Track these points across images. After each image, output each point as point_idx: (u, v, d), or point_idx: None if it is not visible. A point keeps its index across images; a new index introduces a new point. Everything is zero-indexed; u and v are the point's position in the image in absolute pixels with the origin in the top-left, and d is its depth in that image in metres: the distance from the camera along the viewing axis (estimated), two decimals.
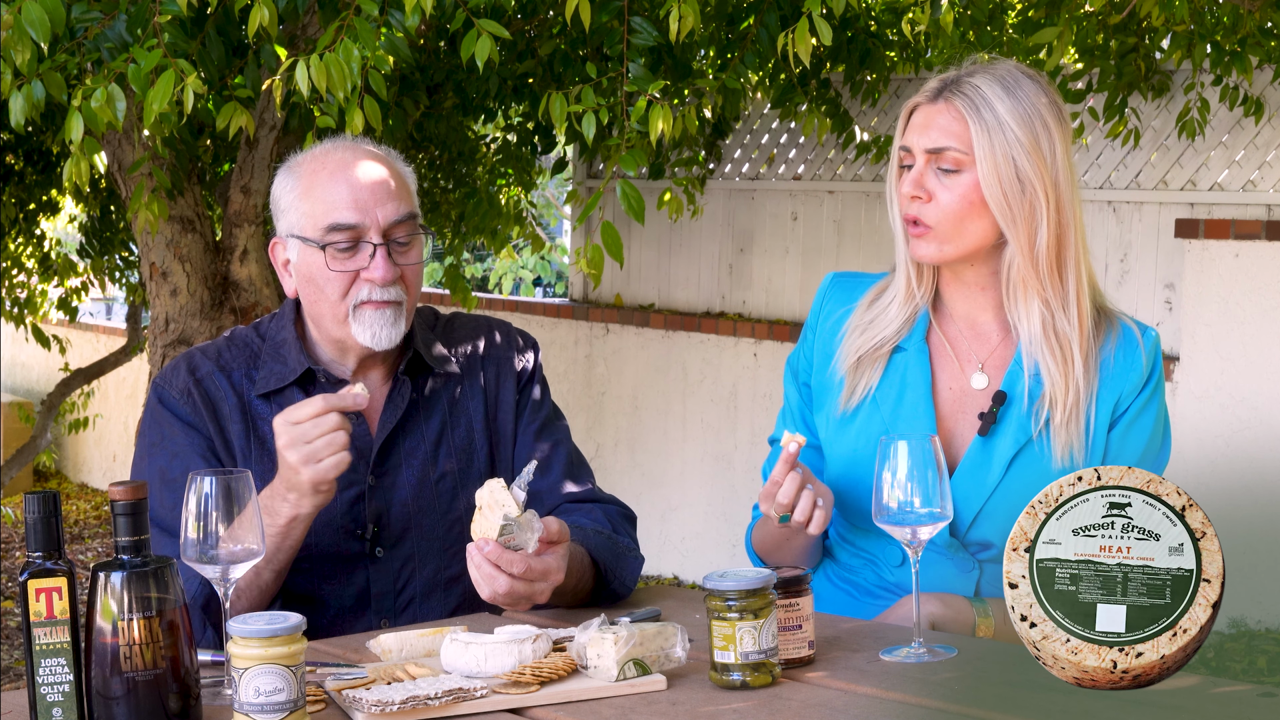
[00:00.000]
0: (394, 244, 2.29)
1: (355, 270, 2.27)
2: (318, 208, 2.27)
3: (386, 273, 2.27)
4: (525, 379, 2.47)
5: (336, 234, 2.26)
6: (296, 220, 2.30)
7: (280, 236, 2.35)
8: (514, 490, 2.04)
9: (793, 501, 2.13)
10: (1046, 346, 2.26)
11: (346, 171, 2.28)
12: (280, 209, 2.34)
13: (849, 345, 2.37)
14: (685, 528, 7.12)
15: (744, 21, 4.49)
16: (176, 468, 2.26)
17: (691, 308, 7.41)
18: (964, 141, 2.22)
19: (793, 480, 2.13)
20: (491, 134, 6.91)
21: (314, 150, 2.35)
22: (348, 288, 2.28)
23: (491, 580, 2.04)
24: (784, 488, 2.13)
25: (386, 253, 2.27)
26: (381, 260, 2.26)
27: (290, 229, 2.32)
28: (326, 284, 2.28)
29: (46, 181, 6.50)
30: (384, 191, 2.28)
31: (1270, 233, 5.32)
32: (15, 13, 2.89)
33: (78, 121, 3.09)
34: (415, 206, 2.34)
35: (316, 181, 2.29)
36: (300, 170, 2.32)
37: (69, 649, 1.70)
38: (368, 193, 2.27)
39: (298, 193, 2.30)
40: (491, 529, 2.02)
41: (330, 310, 2.30)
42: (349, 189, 2.27)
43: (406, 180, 2.36)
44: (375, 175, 2.29)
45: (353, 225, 2.26)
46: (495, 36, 3.15)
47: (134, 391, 9.44)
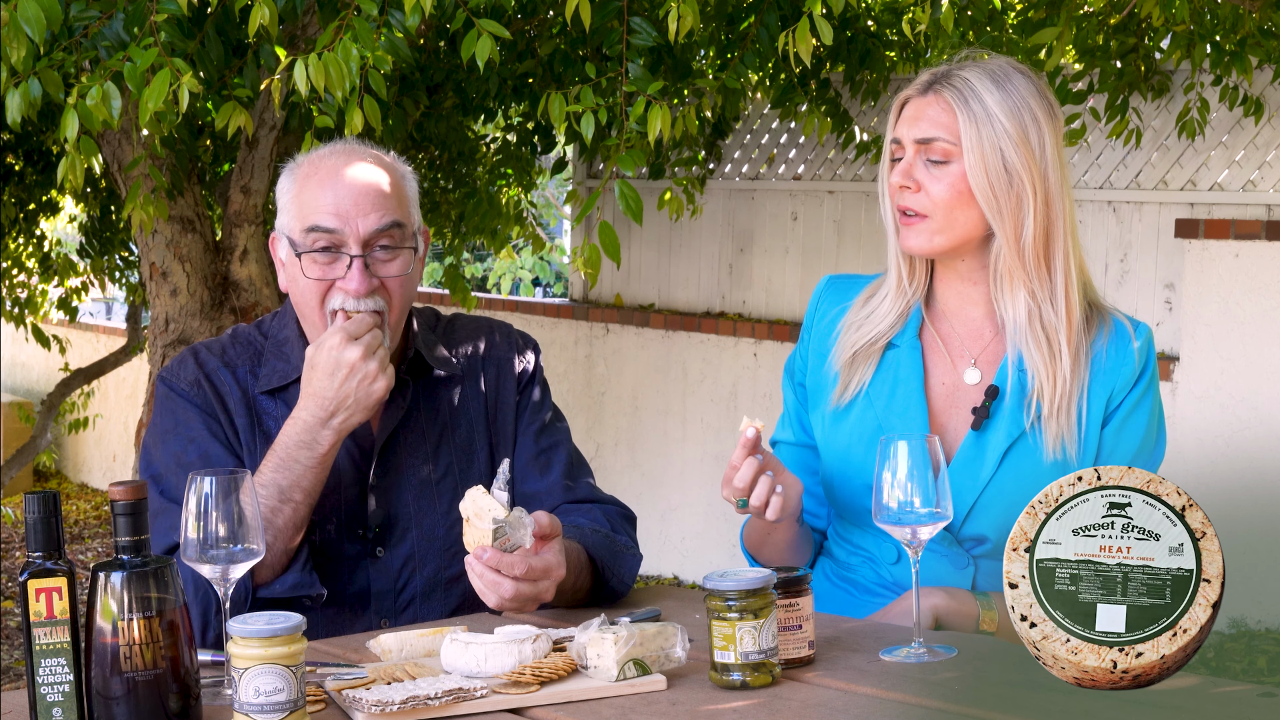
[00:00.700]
0: (375, 255, 2.26)
1: (332, 279, 2.26)
2: (303, 210, 2.27)
3: (360, 285, 2.24)
4: (526, 380, 2.47)
5: (315, 237, 2.25)
6: (286, 220, 2.31)
7: (277, 233, 2.35)
8: (494, 493, 2.03)
9: (749, 487, 2.13)
10: (1032, 338, 2.27)
11: (336, 177, 2.27)
12: (279, 206, 2.35)
13: (844, 342, 2.38)
14: (685, 528, 7.12)
15: (744, 21, 4.49)
16: (193, 451, 2.26)
17: (691, 308, 7.41)
18: (952, 132, 2.24)
19: (749, 466, 2.12)
20: (491, 134, 6.92)
21: (317, 151, 2.35)
22: (323, 294, 2.27)
23: (496, 587, 2.04)
24: (740, 472, 2.13)
25: (363, 264, 2.25)
26: (357, 272, 2.24)
27: (281, 227, 2.33)
28: (305, 288, 2.28)
29: (46, 181, 6.50)
30: (369, 200, 2.25)
31: (1270, 233, 5.32)
32: (11, 10, 2.89)
33: (73, 120, 3.09)
34: (406, 216, 2.30)
35: (308, 184, 2.28)
36: (299, 171, 2.32)
37: (69, 649, 1.70)
38: (351, 201, 2.25)
39: (291, 193, 2.31)
40: (484, 535, 2.02)
41: (309, 314, 2.30)
42: (333, 195, 2.25)
43: (404, 189, 2.33)
44: (364, 183, 2.27)
45: (330, 230, 2.24)
46: (495, 36, 3.15)
47: (134, 391, 9.44)
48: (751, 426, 2.11)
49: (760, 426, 2.12)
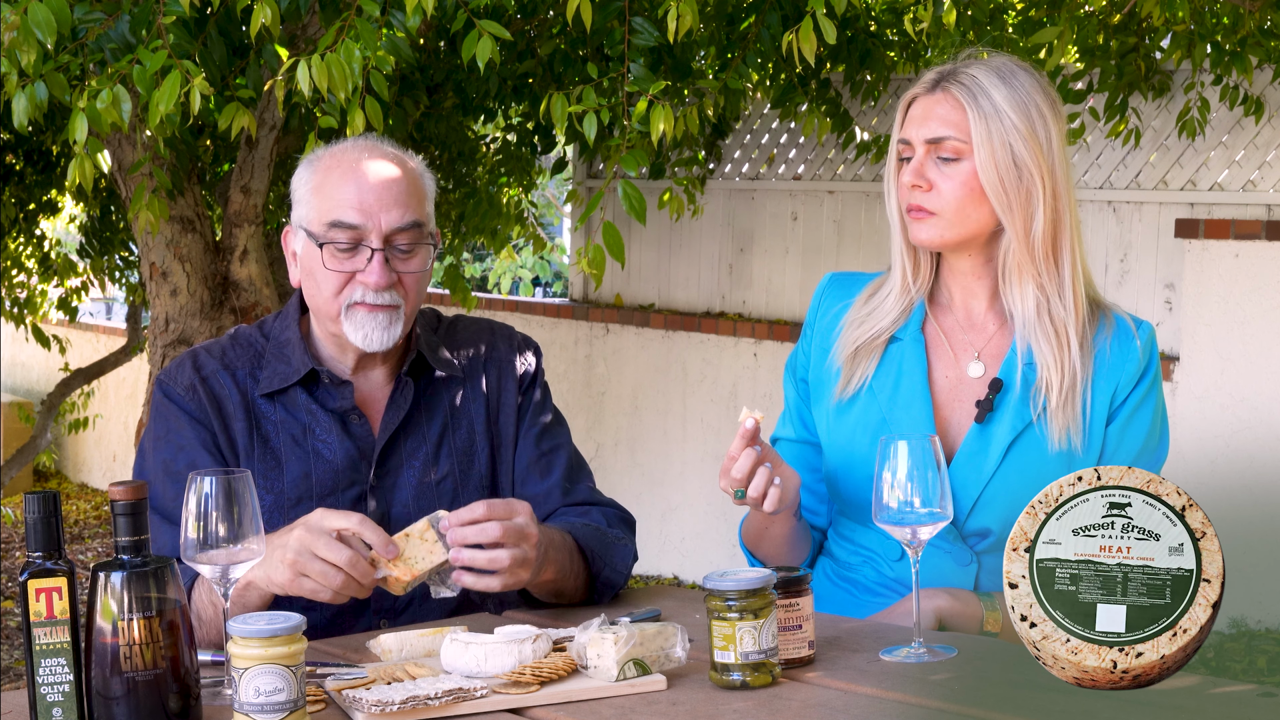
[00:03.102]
0: (394, 250, 2.28)
1: (351, 271, 2.27)
2: (325, 203, 2.28)
3: (381, 278, 2.26)
4: (527, 382, 2.47)
5: (337, 232, 2.26)
6: (305, 213, 2.31)
7: (292, 225, 2.35)
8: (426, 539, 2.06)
9: (746, 477, 2.13)
10: (1041, 330, 2.28)
11: (358, 171, 2.28)
12: (296, 199, 2.35)
13: (846, 337, 2.38)
14: (685, 528, 7.12)
15: (744, 21, 4.49)
16: (181, 460, 2.26)
17: (691, 308, 7.41)
18: (962, 130, 2.25)
19: (747, 456, 2.13)
20: (491, 134, 6.91)
21: (337, 145, 2.35)
22: (342, 286, 2.28)
23: (491, 563, 2.05)
24: (738, 463, 2.13)
25: (384, 259, 2.26)
26: (378, 265, 2.26)
27: (300, 220, 2.33)
28: (323, 280, 2.28)
29: (46, 181, 6.50)
30: (391, 196, 2.27)
31: (1270, 233, 5.32)
32: (21, 14, 2.89)
33: (82, 122, 3.09)
34: (425, 215, 2.32)
35: (329, 178, 2.29)
36: (319, 164, 2.32)
37: (69, 649, 1.70)
38: (374, 196, 2.26)
39: (311, 186, 2.31)
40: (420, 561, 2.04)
41: (325, 306, 2.30)
42: (356, 190, 2.26)
43: (423, 188, 2.34)
44: (386, 178, 2.28)
45: (354, 226, 2.26)
46: (496, 37, 3.16)
47: (134, 391, 9.43)
48: (751, 417, 2.12)
49: (760, 417, 2.12)
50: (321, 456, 2.32)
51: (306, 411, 2.33)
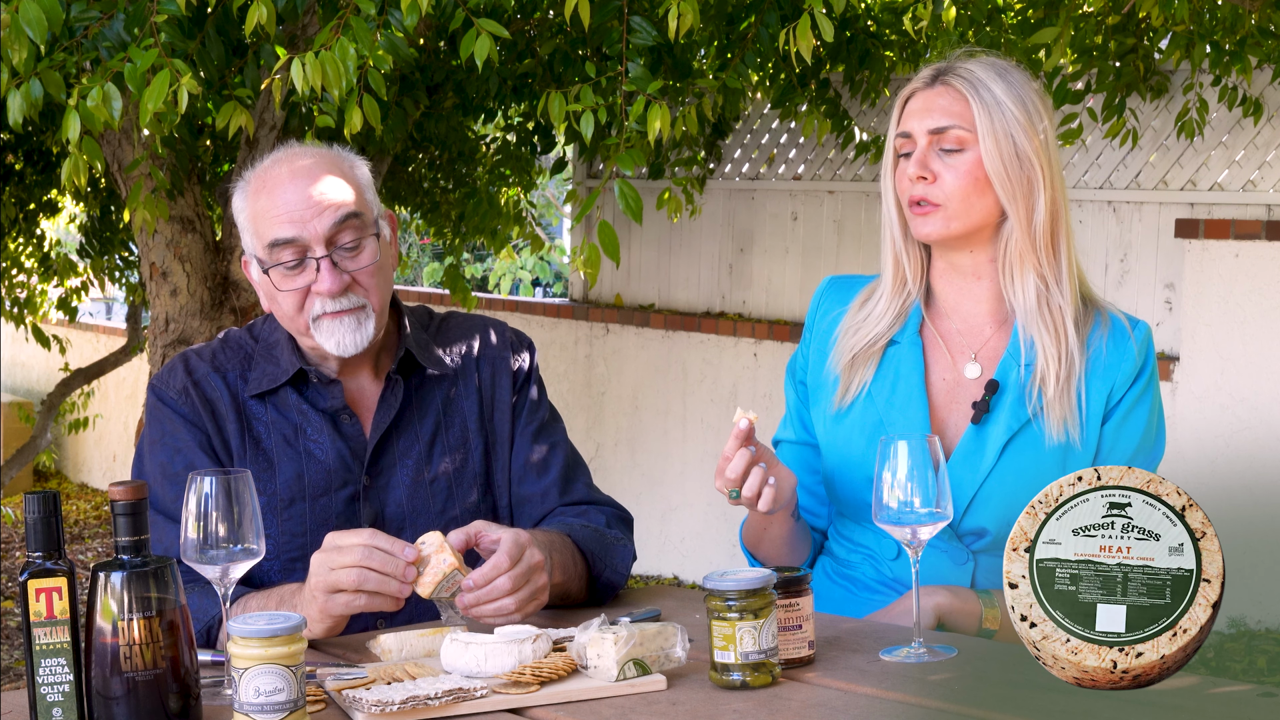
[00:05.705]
0: (340, 251, 2.25)
1: (305, 285, 2.25)
2: (261, 225, 2.26)
3: (334, 284, 2.23)
4: (522, 380, 2.46)
5: (279, 251, 2.24)
6: (249, 240, 2.31)
7: (246, 255, 2.35)
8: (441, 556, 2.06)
9: (741, 477, 2.14)
10: (1041, 320, 2.31)
11: (282, 184, 2.25)
12: (239, 228, 2.34)
13: (843, 345, 2.40)
14: (685, 528, 7.12)
15: (744, 21, 4.49)
16: (179, 462, 2.27)
17: (691, 308, 7.41)
18: (966, 120, 2.28)
19: (742, 457, 2.14)
20: (491, 134, 6.91)
21: (261, 163, 2.32)
22: (301, 302, 2.26)
23: (498, 611, 2.05)
24: (733, 463, 2.14)
25: (331, 263, 2.24)
26: (327, 273, 2.23)
27: (248, 248, 2.33)
28: (283, 301, 2.28)
29: (46, 181, 6.50)
30: (319, 199, 2.24)
31: (1270, 233, 5.32)
32: (13, 12, 2.89)
33: (74, 121, 3.09)
34: (363, 204, 2.29)
35: (259, 200, 2.27)
36: (248, 188, 2.30)
37: (69, 649, 1.70)
38: (303, 203, 2.23)
39: (247, 213, 2.30)
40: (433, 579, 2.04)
41: (292, 324, 2.30)
42: (284, 203, 2.24)
43: (354, 176, 2.30)
44: (310, 184, 2.25)
45: (291, 240, 2.23)
46: (495, 36, 3.15)
47: (134, 391, 9.44)
48: (745, 418, 2.12)
49: (754, 418, 2.13)
50: (314, 457, 2.32)
51: (298, 412, 2.33)
